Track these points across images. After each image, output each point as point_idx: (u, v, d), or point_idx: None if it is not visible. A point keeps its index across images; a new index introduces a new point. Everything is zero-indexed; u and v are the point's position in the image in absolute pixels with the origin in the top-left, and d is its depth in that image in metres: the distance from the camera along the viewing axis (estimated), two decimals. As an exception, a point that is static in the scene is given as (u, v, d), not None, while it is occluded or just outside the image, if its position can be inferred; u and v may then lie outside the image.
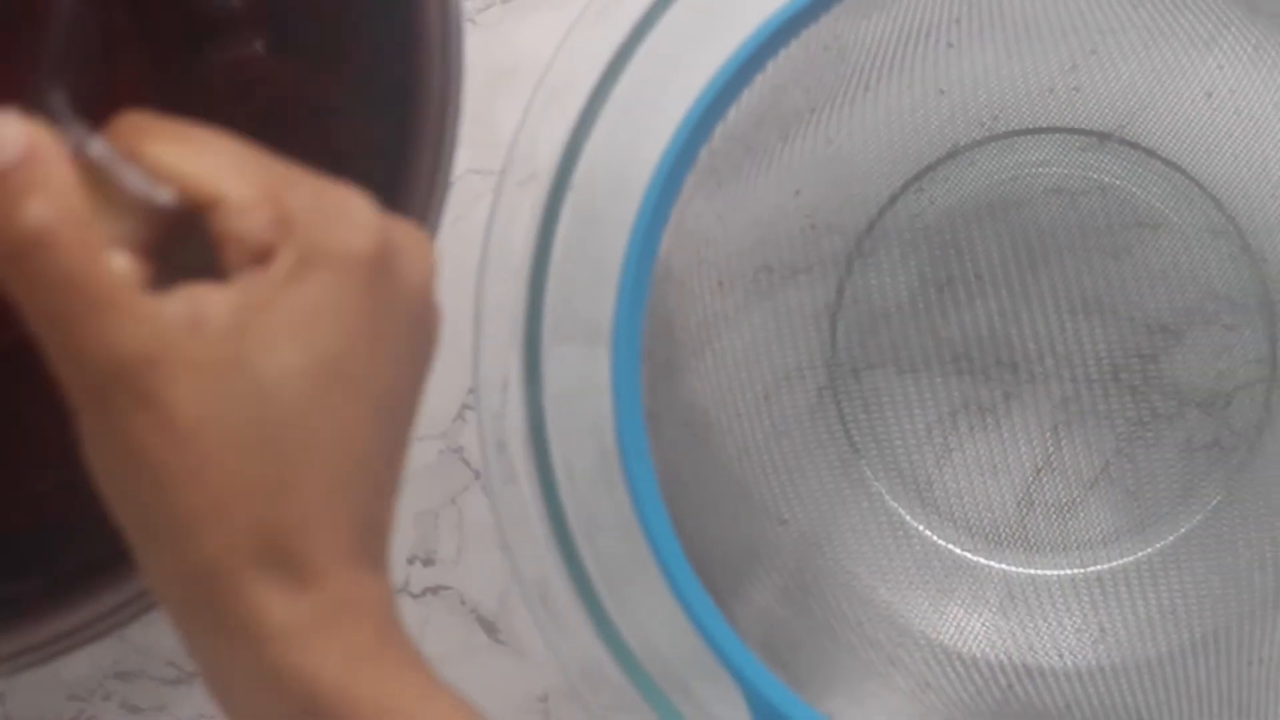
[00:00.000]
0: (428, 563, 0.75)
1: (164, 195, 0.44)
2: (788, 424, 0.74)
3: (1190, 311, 0.74)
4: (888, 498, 0.75)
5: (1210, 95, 0.71)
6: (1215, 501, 0.74)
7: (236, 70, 0.66)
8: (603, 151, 0.65)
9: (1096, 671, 0.71)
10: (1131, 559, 0.74)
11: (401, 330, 0.47)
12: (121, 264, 0.43)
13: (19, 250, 0.42)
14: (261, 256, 0.44)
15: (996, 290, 0.74)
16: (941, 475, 0.75)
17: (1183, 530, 0.74)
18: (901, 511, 0.75)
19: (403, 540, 0.75)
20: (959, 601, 0.74)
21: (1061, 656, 0.72)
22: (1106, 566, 0.74)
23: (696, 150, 0.63)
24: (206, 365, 0.43)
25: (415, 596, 0.75)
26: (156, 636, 0.73)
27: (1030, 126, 0.75)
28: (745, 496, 0.72)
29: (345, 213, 0.46)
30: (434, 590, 0.75)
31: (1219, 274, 0.74)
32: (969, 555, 0.75)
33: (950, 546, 0.75)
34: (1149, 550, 0.74)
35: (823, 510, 0.74)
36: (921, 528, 0.75)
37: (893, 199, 0.75)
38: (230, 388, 0.43)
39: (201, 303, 0.43)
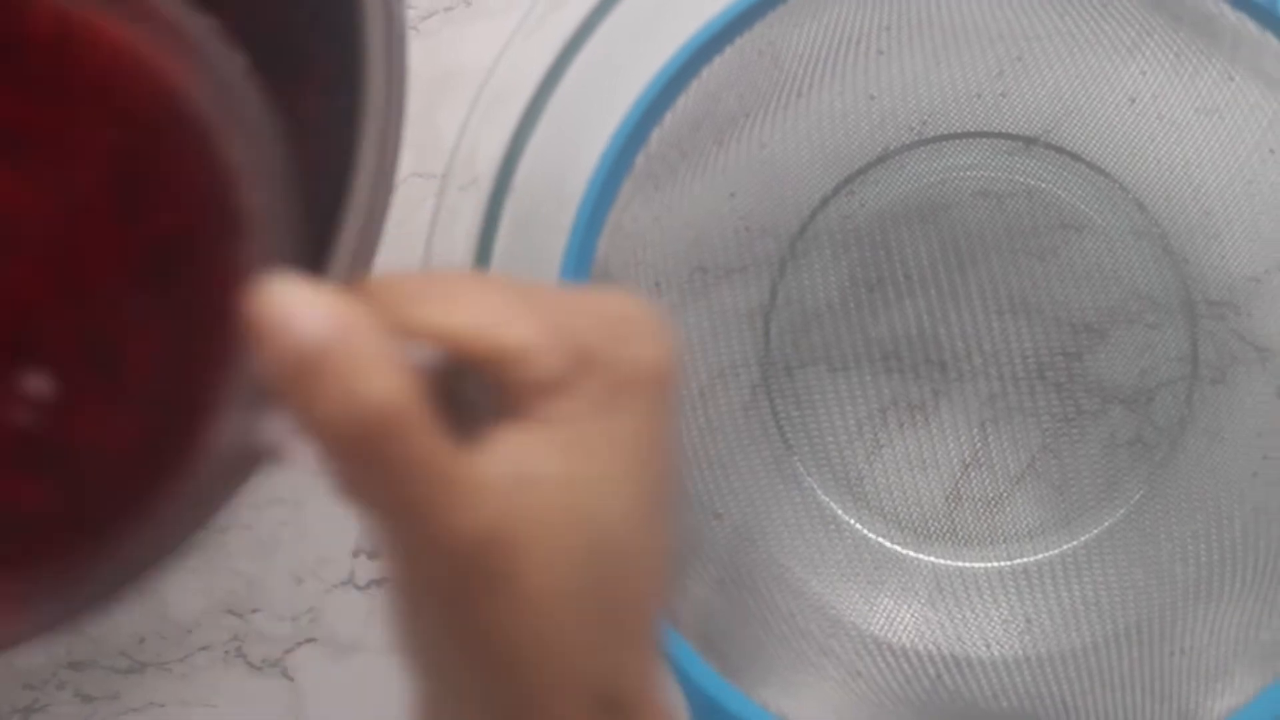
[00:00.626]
0: (373, 556, 0.74)
1: (435, 357, 0.40)
2: (722, 420, 0.74)
3: (1114, 311, 0.74)
4: (819, 492, 0.75)
5: (1133, 101, 0.72)
6: (1138, 496, 0.74)
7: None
8: (542, 156, 0.66)
9: (1023, 661, 0.71)
10: (1057, 552, 0.74)
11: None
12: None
13: (364, 436, 0.38)
14: (552, 389, 0.40)
15: (926, 290, 0.75)
16: (872, 470, 0.75)
17: (1106, 524, 0.74)
18: (833, 506, 0.75)
19: (346, 533, 0.75)
20: (889, 593, 0.74)
21: (989, 646, 0.72)
22: (1033, 559, 0.74)
23: (633, 155, 0.64)
24: (551, 528, 0.39)
25: (360, 588, 0.74)
26: (111, 627, 0.73)
27: (958, 131, 0.75)
28: (681, 491, 0.71)
29: (632, 326, 0.41)
30: (379, 582, 0.74)
31: (1142, 275, 0.74)
32: (899, 548, 0.75)
33: (880, 540, 0.74)
34: (1074, 543, 0.74)
35: (756, 504, 0.74)
36: (852, 521, 0.75)
37: (824, 202, 0.75)
38: (575, 544, 0.40)
39: (520, 457, 0.39)
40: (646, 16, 0.66)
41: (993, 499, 0.75)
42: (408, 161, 0.63)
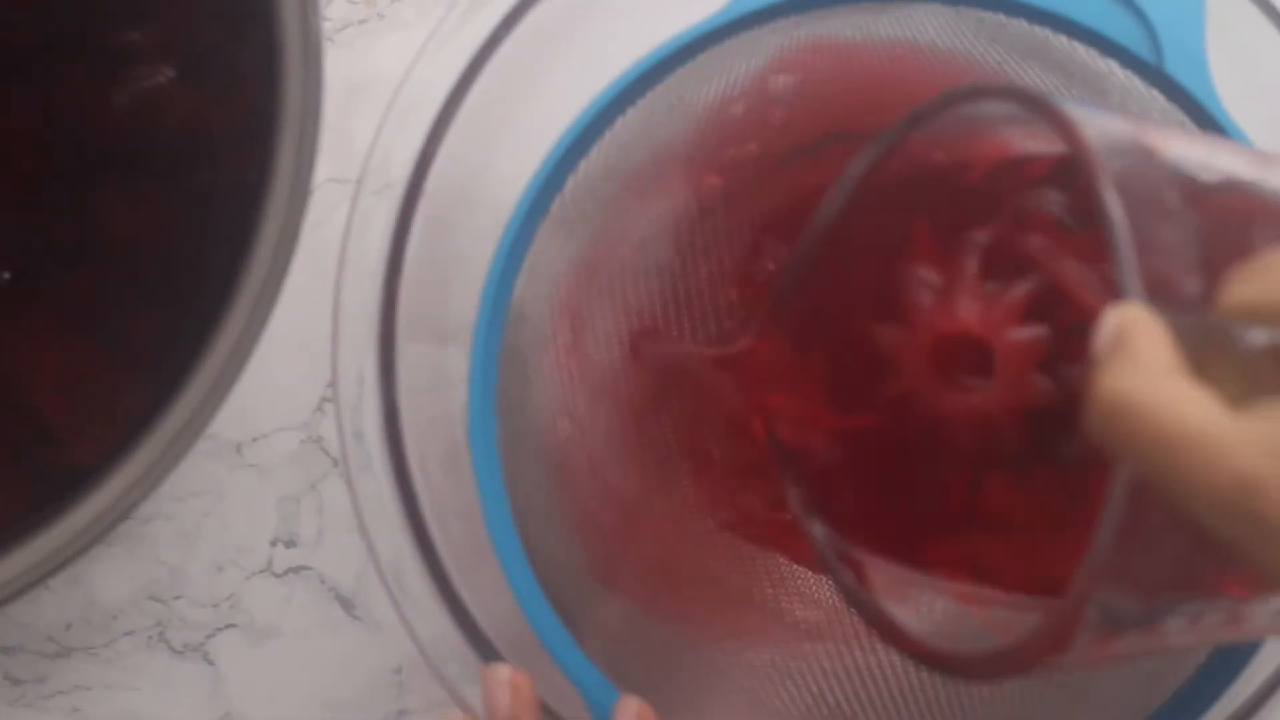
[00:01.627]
0: (290, 545, 0.74)
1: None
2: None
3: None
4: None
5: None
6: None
7: (144, 98, 0.66)
8: (453, 161, 0.67)
9: (926, 683, 0.68)
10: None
11: None
12: None
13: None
14: None
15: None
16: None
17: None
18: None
19: (265, 524, 0.75)
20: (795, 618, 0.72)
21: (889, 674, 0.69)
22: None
23: (549, 200, 0.64)
24: None
25: (278, 576, 0.74)
26: (38, 613, 0.73)
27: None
28: (590, 521, 0.70)
29: None
30: (295, 570, 0.74)
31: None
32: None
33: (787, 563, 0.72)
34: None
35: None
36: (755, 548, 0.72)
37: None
38: None
39: None
40: (551, 32, 0.67)
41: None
42: (324, 167, 0.63)
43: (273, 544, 0.75)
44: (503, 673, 0.59)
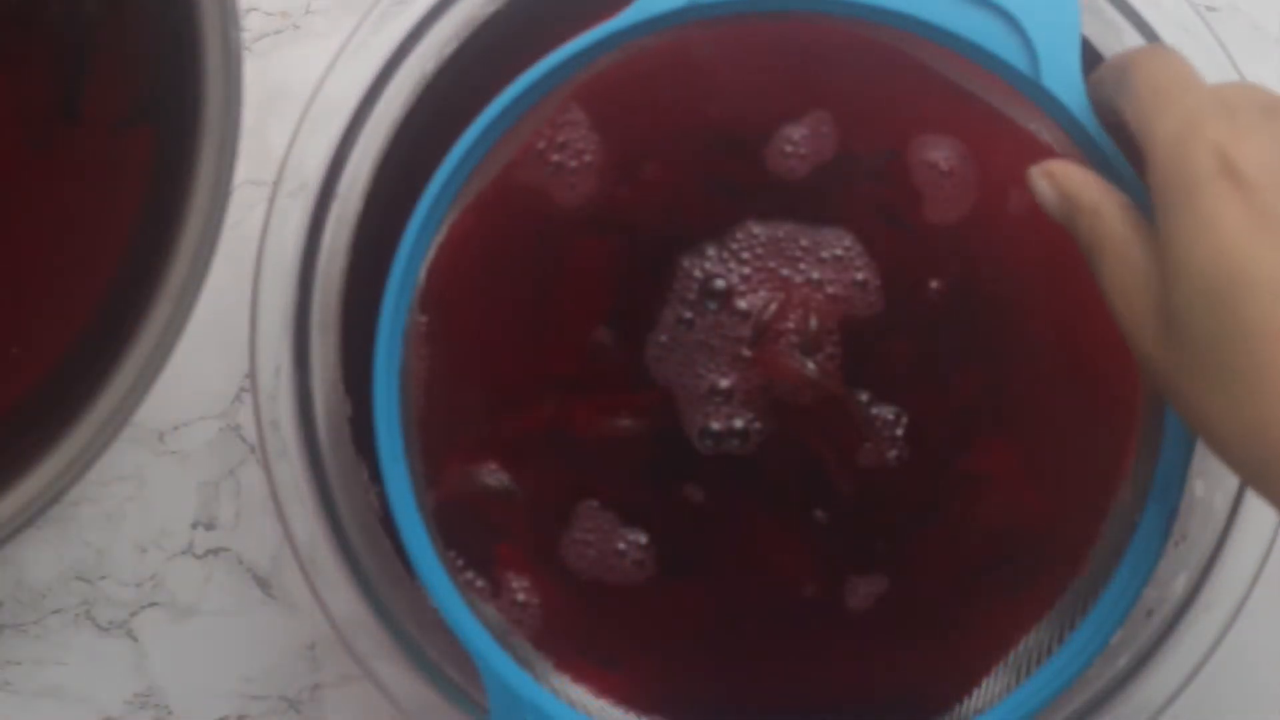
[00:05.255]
0: (209, 527, 0.75)
1: None
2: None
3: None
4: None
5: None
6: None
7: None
8: (364, 165, 0.68)
9: None
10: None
11: None
12: None
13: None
14: None
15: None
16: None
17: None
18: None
19: (186, 507, 0.75)
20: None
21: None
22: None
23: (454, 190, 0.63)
24: None
25: (198, 557, 0.74)
26: None
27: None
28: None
29: None
30: (215, 552, 0.75)
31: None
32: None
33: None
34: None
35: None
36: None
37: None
38: None
39: None
40: (454, 39, 0.68)
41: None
42: (242, 170, 0.62)
43: (193, 527, 0.75)
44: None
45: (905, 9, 0.61)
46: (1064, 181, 0.56)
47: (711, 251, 0.68)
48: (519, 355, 0.69)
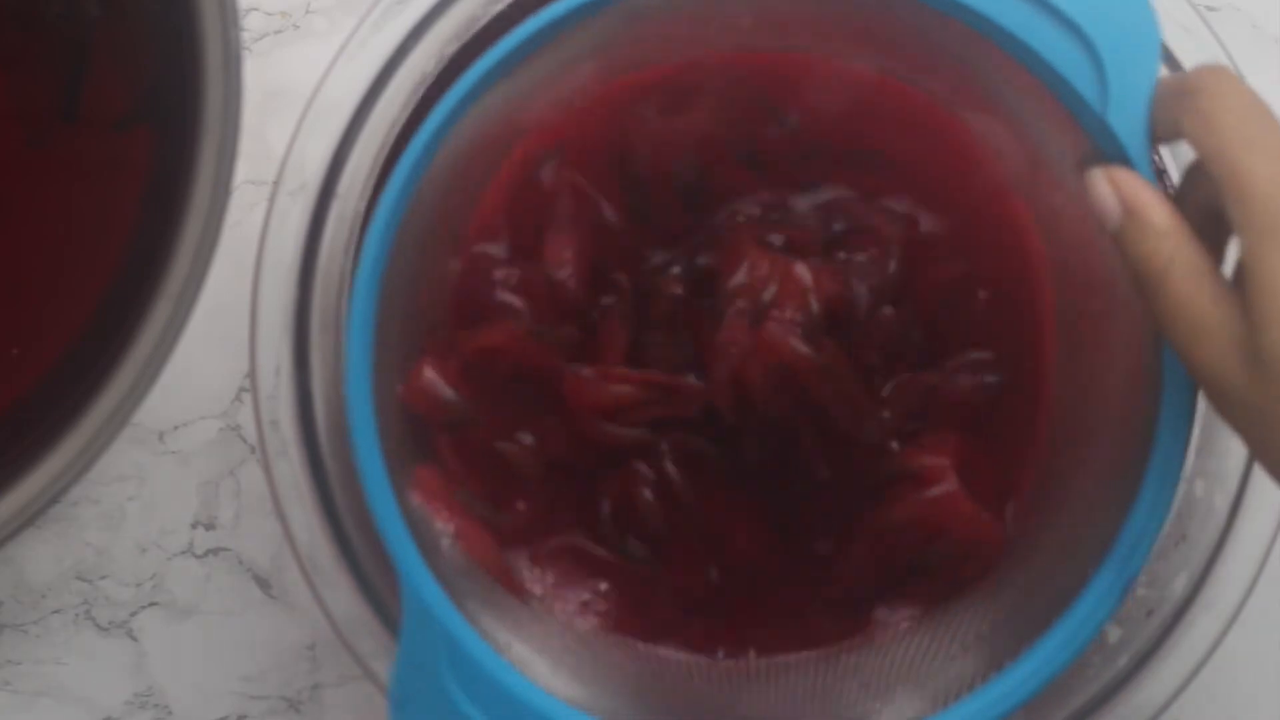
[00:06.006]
0: (209, 527, 0.75)
1: None
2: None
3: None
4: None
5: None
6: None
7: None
8: (364, 165, 0.68)
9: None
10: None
11: None
12: None
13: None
14: None
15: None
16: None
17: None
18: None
19: (186, 507, 0.74)
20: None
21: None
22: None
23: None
24: None
25: (198, 557, 0.74)
26: None
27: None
28: None
29: None
30: (215, 552, 0.75)
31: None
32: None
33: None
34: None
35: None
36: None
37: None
38: None
39: None
40: (454, 39, 0.68)
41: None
42: (242, 170, 0.62)
43: (193, 527, 0.75)
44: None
45: (981, 7, 0.57)
46: (1131, 193, 0.53)
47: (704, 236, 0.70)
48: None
